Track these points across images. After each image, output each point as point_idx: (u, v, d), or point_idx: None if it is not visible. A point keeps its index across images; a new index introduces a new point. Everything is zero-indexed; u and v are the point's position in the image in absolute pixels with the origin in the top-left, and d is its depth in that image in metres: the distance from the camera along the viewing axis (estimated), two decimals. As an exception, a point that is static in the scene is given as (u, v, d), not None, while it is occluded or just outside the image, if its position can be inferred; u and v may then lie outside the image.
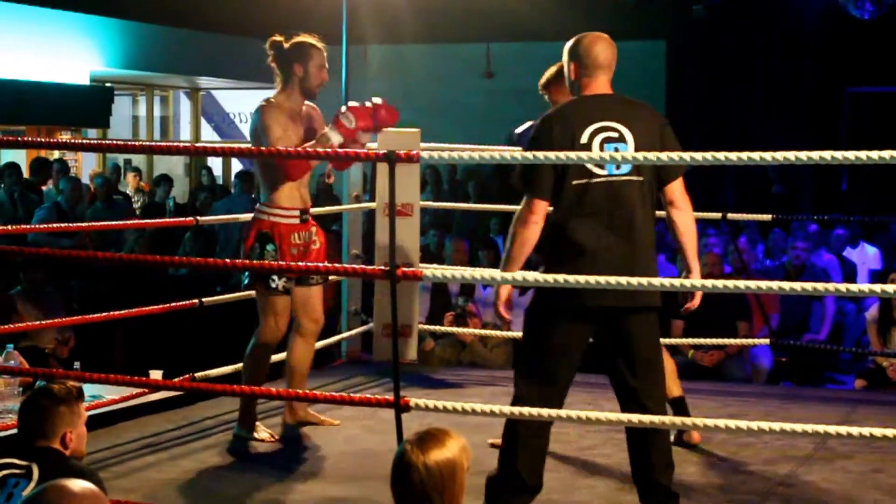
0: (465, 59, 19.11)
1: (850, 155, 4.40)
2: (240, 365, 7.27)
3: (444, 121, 17.03)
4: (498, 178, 15.80)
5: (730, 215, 8.21)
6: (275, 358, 6.63)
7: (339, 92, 9.93)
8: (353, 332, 8.67)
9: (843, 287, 4.90)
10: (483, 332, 9.08)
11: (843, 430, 4.73)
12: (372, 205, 8.53)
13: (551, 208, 4.97)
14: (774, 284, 5.01)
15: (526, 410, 4.87)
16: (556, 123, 4.94)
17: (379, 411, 6.66)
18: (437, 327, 9.03)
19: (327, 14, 15.21)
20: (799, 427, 4.72)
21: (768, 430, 4.72)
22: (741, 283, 4.89)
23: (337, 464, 6.11)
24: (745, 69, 17.43)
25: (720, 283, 4.86)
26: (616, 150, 4.83)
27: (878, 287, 4.79)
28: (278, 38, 6.57)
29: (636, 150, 4.86)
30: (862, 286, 4.46)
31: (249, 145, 6.29)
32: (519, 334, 8.97)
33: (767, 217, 8.49)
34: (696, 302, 5.35)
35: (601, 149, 4.84)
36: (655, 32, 18.01)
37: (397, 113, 6.20)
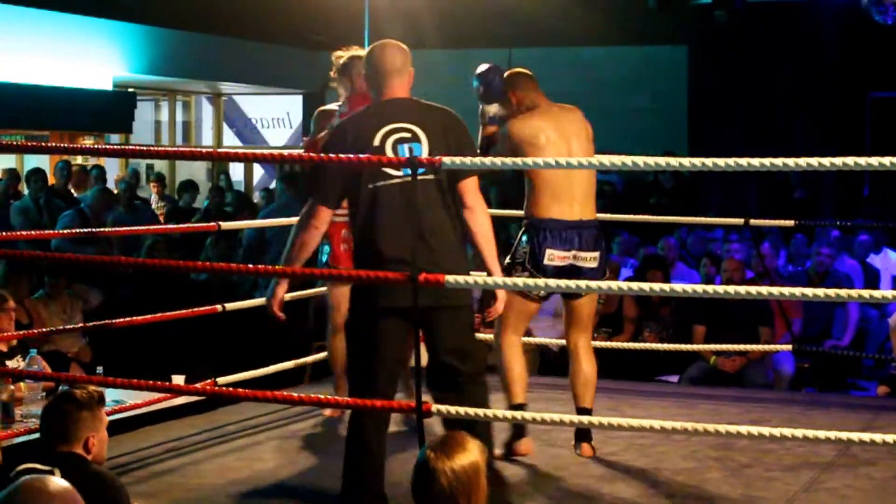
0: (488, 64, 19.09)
1: (874, 161, 4.38)
2: (261, 370, 7.31)
3: (468, 126, 16.94)
4: (518, 183, 15.77)
5: (752, 221, 8.20)
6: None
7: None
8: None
9: (865, 293, 4.89)
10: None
11: (866, 436, 4.71)
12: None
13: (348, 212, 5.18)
14: (796, 290, 5.00)
15: (549, 416, 4.86)
16: (349, 129, 5.12)
17: (398, 416, 6.66)
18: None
19: (350, 20, 15.27)
20: (821, 434, 4.70)
21: (791, 436, 4.71)
22: (762, 289, 4.87)
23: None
24: (767, 74, 17.39)
25: (742, 288, 4.83)
26: (410, 149, 4.99)
27: (890, 293, 4.77)
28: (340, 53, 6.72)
29: (430, 149, 5.01)
30: (885, 292, 4.45)
31: (271, 151, 6.28)
32: (540, 340, 9.03)
33: (790, 223, 8.47)
34: (499, 307, 5.35)
35: (394, 150, 5.01)
36: (678, 37, 17.98)
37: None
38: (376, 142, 5.02)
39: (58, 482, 2.94)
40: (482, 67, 6.55)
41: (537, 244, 6.09)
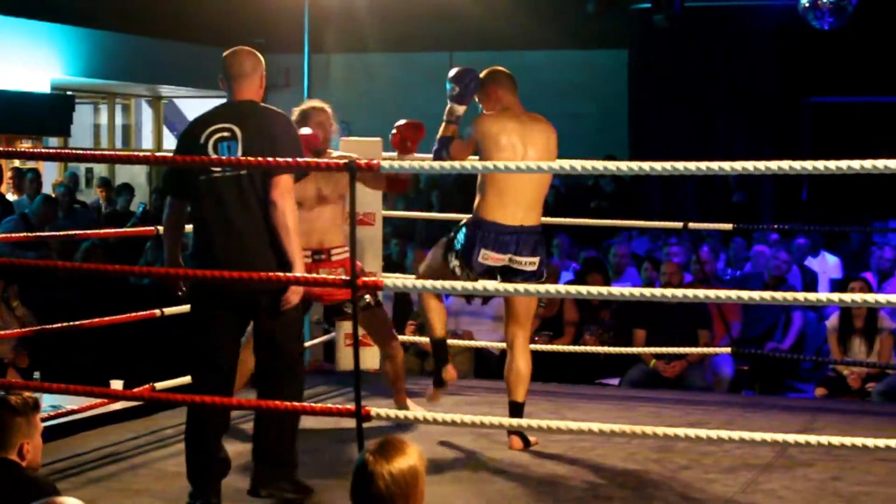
0: (429, 67, 19.09)
1: (810, 165, 4.42)
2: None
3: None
4: (460, 187, 15.81)
5: (691, 225, 8.25)
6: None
7: (300, 101, 9.91)
8: (316, 341, 8.66)
9: (801, 296, 4.93)
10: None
11: (803, 438, 4.76)
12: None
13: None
14: (742, 294, 5.03)
15: (487, 419, 4.85)
16: (189, 128, 5.50)
17: (341, 421, 6.63)
18: (400, 337, 9.00)
19: (290, 23, 15.22)
20: (759, 436, 4.74)
21: (729, 438, 4.74)
22: (700, 292, 4.89)
23: (300, 474, 6.09)
24: (706, 78, 17.51)
25: (680, 291, 4.86)
26: (229, 147, 5.32)
27: (836, 296, 4.82)
28: None
29: (244, 146, 5.32)
30: (821, 295, 4.49)
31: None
32: (480, 343, 9.05)
33: (728, 226, 8.53)
34: (293, 298, 5.37)
35: (215, 147, 5.34)
36: (618, 42, 18.06)
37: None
38: (202, 139, 5.38)
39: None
40: (456, 70, 6.76)
41: (474, 241, 6.19)
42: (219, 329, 5.38)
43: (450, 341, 8.96)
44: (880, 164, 4.57)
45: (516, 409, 6.47)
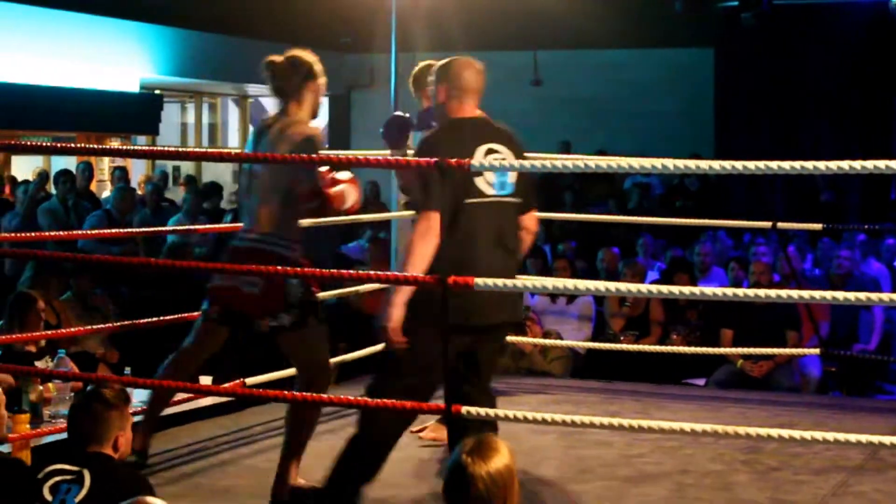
0: (513, 66, 19.08)
1: (881, 164, 4.35)
2: (288, 371, 7.29)
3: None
4: (544, 186, 15.79)
5: (779, 224, 8.17)
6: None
7: (388, 100, 9.95)
8: (402, 339, 8.66)
9: (887, 297, 4.86)
10: (543, 341, 9.12)
11: (895, 440, 4.69)
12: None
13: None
14: (826, 294, 4.97)
15: (578, 419, 4.84)
16: (453, 141, 5.08)
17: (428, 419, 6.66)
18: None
19: (374, 23, 15.28)
20: (850, 437, 4.68)
21: (820, 439, 4.68)
22: (788, 293, 4.84)
23: (387, 470, 6.11)
24: (794, 77, 17.34)
25: (772, 292, 4.82)
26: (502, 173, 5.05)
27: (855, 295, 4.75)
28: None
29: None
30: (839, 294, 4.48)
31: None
32: (567, 343, 9.04)
33: (818, 226, 8.45)
34: None
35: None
36: (705, 40, 17.94)
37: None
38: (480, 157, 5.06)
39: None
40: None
41: None
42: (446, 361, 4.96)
43: (544, 341, 9.01)
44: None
45: None
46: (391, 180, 8.83)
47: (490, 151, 5.08)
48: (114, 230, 9.56)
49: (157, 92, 18.30)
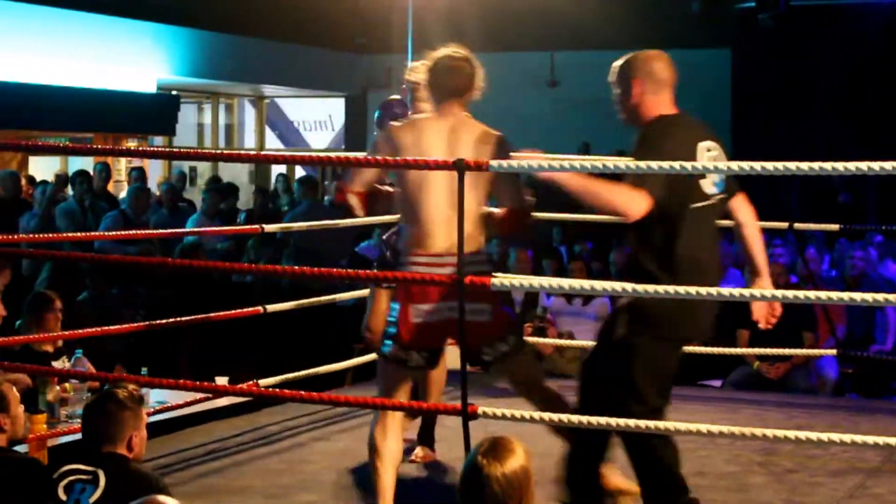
0: (530, 67, 19.09)
1: (888, 165, 4.33)
2: (303, 372, 7.29)
3: (508, 130, 16.94)
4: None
5: (796, 225, 8.15)
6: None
7: (404, 99, 9.93)
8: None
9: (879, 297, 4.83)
10: (562, 342, 9.11)
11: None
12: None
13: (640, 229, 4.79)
14: (837, 295, 4.97)
15: (583, 419, 4.83)
16: (671, 137, 4.83)
17: (444, 419, 6.65)
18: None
19: (390, 23, 15.32)
20: (868, 439, 4.67)
21: (837, 441, 4.67)
22: (807, 294, 4.83)
23: (403, 471, 6.10)
24: (810, 77, 17.31)
25: (789, 293, 4.80)
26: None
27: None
28: None
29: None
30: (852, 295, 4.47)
31: (314, 153, 6.24)
32: (582, 343, 9.01)
33: (835, 227, 8.42)
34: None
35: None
36: (721, 41, 17.92)
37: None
38: (699, 157, 4.82)
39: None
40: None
41: None
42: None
43: (557, 341, 8.99)
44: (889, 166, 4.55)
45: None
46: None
47: (708, 151, 4.85)
48: (130, 231, 9.56)
49: (173, 93, 18.34)
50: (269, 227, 7.72)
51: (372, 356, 7.87)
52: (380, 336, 5.27)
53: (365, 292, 8.12)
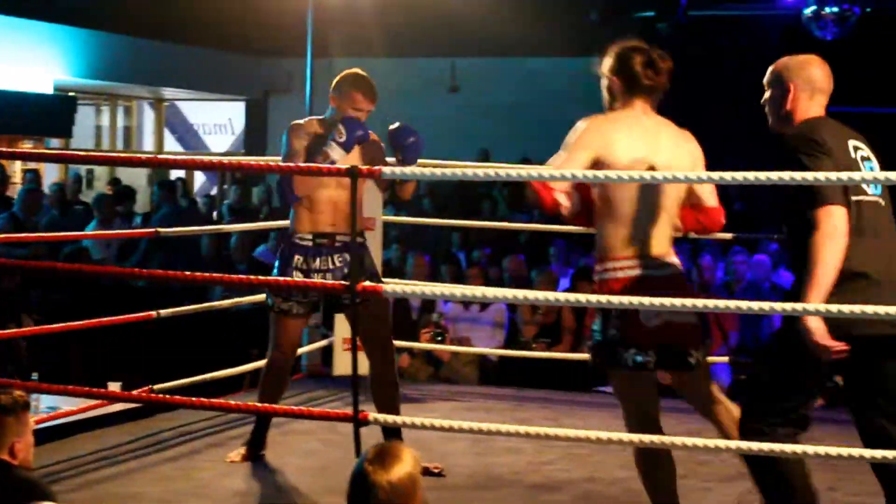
0: (431, 73, 19.14)
1: (812, 175, 4.40)
2: (198, 377, 7.26)
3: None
4: (458, 193, 15.83)
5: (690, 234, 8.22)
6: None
7: (303, 104, 9.92)
8: (314, 346, 8.66)
9: (800, 306, 4.90)
10: (460, 349, 9.14)
11: (800, 448, 4.74)
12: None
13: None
14: (733, 304, 5.02)
15: (485, 426, 4.84)
16: (826, 135, 4.55)
17: (338, 425, 6.64)
18: (413, 344, 9.02)
19: (293, 28, 15.24)
20: (756, 445, 4.72)
21: (726, 447, 4.72)
22: (709, 302, 4.88)
23: (296, 478, 6.10)
24: (709, 87, 17.50)
25: (678, 301, 4.84)
26: (872, 169, 4.52)
27: (835, 307, 4.80)
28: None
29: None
30: (820, 305, 4.49)
31: (213, 157, 6.22)
32: (480, 350, 9.05)
33: (729, 236, 8.52)
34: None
35: (862, 167, 4.49)
36: (620, 50, 18.05)
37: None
38: (851, 153, 4.53)
39: None
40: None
41: None
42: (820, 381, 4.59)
43: (453, 348, 9.02)
44: (870, 175, 4.61)
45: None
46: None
47: (858, 149, 4.57)
48: (20, 234, 9.44)
49: (70, 94, 18.14)
50: (164, 231, 7.66)
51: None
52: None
53: (250, 298, 8.09)
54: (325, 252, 5.99)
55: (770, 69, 4.85)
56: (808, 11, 14.67)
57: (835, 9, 14.56)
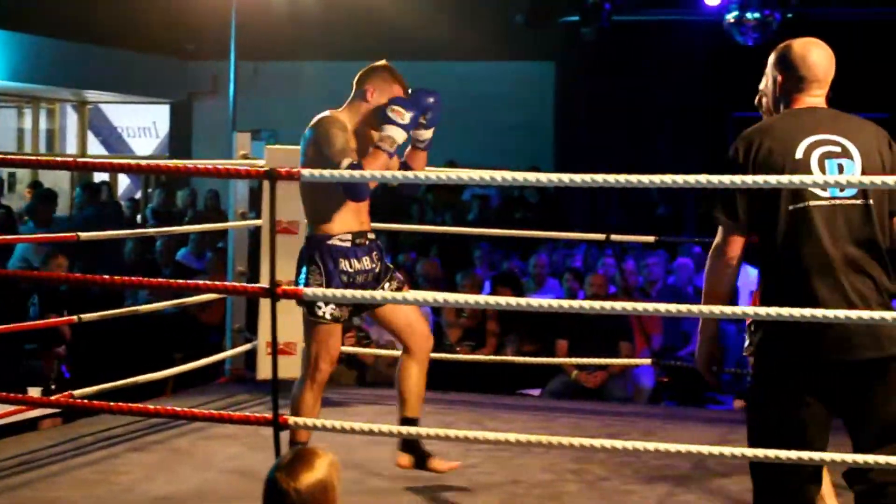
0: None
1: (735, 179, 4.43)
2: (120, 382, 7.20)
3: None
4: (387, 196, 15.78)
5: (613, 236, 8.29)
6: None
7: (223, 107, 9.89)
8: (238, 349, 8.62)
9: (718, 309, 4.94)
10: (384, 352, 9.13)
11: (719, 450, 4.78)
12: (258, 222, 8.48)
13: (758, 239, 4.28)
14: (653, 306, 5.07)
15: (404, 429, 4.85)
16: (761, 138, 4.25)
17: (262, 429, 6.62)
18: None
19: (218, 30, 15.17)
20: (677, 447, 4.76)
21: (645, 449, 4.75)
22: (627, 305, 4.92)
23: (218, 482, 6.08)
24: (633, 91, 17.63)
25: (597, 304, 4.88)
26: (839, 167, 4.13)
27: (756, 309, 4.85)
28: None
29: (864, 168, 4.11)
30: (740, 308, 4.54)
31: (138, 161, 6.16)
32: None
33: (650, 238, 8.58)
34: None
35: (821, 165, 4.12)
36: (545, 54, 18.14)
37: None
38: (799, 154, 4.14)
39: None
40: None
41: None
42: (810, 417, 4.17)
43: (378, 352, 9.02)
44: (796, 179, 4.61)
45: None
46: (229, 189, 8.78)
47: (818, 144, 4.16)
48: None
49: (-8, 97, 17.98)
50: (84, 235, 7.59)
51: (192, 365, 7.85)
52: None
53: (185, 301, 8.06)
54: (361, 252, 5.77)
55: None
56: (730, 17, 14.81)
57: (756, 14, 14.71)
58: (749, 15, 14.73)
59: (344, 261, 5.68)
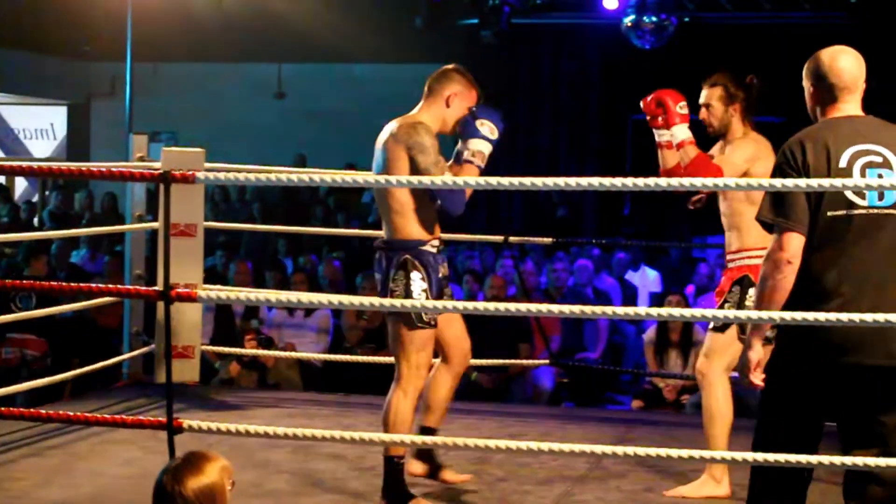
0: (257, 79, 19.04)
1: (631, 182, 4.49)
2: (17, 387, 7.11)
3: (235, 141, 16.95)
4: (285, 199, 15.79)
5: (511, 238, 8.35)
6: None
7: (122, 109, 9.81)
8: (135, 353, 8.55)
9: (621, 310, 5.01)
10: (285, 353, 9.13)
11: (616, 449, 4.84)
12: (155, 224, 8.41)
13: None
14: (559, 308, 5.11)
15: (319, 433, 4.85)
16: (812, 142, 4.27)
17: (159, 433, 6.58)
18: (241, 350, 8.98)
19: (115, 31, 15.03)
20: (574, 447, 4.81)
21: (543, 450, 4.80)
22: (523, 306, 4.96)
23: (113, 487, 6.03)
24: (533, 94, 17.71)
25: (502, 305, 4.92)
26: (879, 176, 4.21)
27: (654, 310, 4.92)
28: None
29: None
30: (640, 309, 4.59)
31: (35, 163, 6.09)
32: (310, 356, 9.05)
33: (548, 240, 8.65)
34: None
35: (862, 175, 4.21)
36: (446, 56, 18.12)
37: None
38: (843, 163, 4.21)
39: None
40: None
41: None
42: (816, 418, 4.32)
43: (278, 353, 9.01)
44: (698, 181, 4.70)
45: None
46: (126, 192, 8.72)
47: (861, 154, 4.25)
48: None
49: None
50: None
51: (88, 368, 7.79)
52: None
53: (81, 305, 7.98)
54: (441, 258, 5.75)
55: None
56: (627, 21, 14.95)
57: (653, 18, 14.85)
58: (646, 19, 14.87)
59: (441, 267, 5.73)
